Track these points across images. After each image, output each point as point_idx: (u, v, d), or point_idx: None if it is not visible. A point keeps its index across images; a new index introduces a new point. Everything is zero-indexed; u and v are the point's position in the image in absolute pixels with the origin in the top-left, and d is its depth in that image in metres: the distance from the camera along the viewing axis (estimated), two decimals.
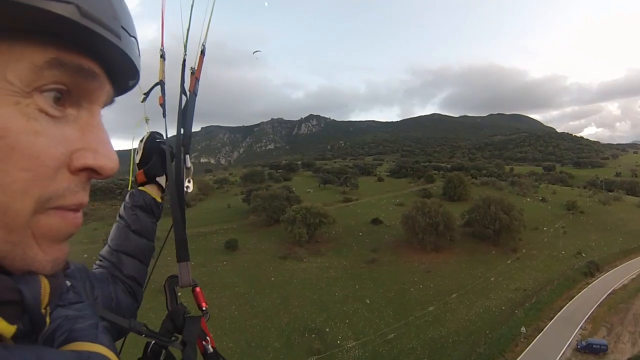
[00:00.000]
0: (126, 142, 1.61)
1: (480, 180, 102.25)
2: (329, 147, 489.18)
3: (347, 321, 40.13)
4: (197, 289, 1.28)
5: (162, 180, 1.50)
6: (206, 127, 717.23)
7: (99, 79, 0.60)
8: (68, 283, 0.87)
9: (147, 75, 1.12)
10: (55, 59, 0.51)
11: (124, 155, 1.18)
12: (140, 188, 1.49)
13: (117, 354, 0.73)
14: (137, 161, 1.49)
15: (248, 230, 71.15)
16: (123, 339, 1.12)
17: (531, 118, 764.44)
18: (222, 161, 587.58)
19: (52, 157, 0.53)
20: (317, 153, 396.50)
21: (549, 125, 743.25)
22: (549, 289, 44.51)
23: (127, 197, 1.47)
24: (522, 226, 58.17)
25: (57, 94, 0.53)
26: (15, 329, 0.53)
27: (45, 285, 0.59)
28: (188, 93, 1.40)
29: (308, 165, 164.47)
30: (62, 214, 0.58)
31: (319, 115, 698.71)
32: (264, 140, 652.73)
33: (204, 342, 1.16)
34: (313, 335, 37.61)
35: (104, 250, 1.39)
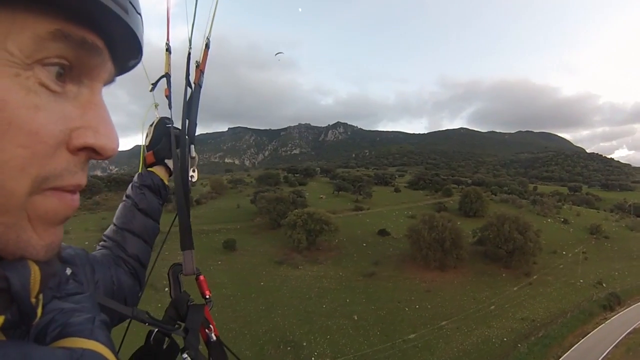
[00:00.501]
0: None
1: (500, 197, 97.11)
2: (353, 155, 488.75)
3: (329, 337, 36.93)
4: (201, 277, 1.31)
5: (170, 162, 1.52)
6: (233, 127, 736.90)
7: (102, 55, 0.57)
8: (68, 271, 0.85)
9: (155, 70, 1.44)
10: (59, 30, 0.49)
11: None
12: (149, 169, 1.53)
13: (114, 350, 0.70)
14: (146, 144, 1.54)
15: (251, 232, 68.76)
16: (126, 327, 1.14)
17: (560, 137, 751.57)
18: (247, 163, 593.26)
19: (52, 134, 0.50)
20: (342, 161, 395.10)
21: (578, 145, 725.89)
22: (561, 321, 39.76)
23: (135, 177, 1.50)
24: (538, 249, 53.32)
25: (59, 68, 0.51)
26: (2, 319, 0.51)
27: (35, 272, 0.56)
28: (193, 85, 1.47)
29: (327, 171, 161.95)
30: (60, 195, 0.55)
31: (346, 123, 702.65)
32: (290, 145, 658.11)
33: (207, 330, 1.19)
34: (288, 348, 34.83)
35: (109, 230, 1.40)
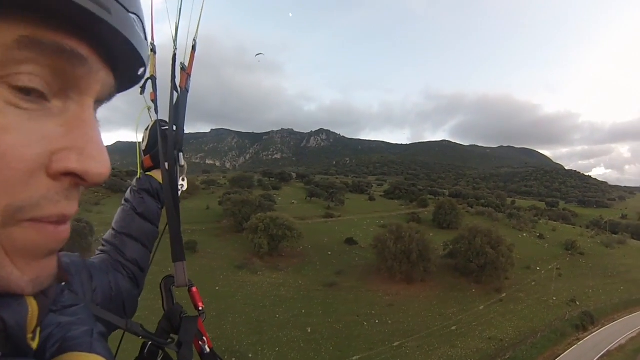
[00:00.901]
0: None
1: (476, 209, 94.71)
2: (334, 162, 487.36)
3: (278, 349, 34.07)
4: (194, 289, 1.33)
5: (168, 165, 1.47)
6: (216, 129, 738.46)
7: (87, 64, 0.49)
8: (63, 282, 0.81)
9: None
10: (27, 37, 0.42)
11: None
12: (147, 173, 1.51)
13: None
14: (143, 148, 1.52)
15: (215, 234, 65.64)
16: (121, 336, 1.09)
17: (540, 153, 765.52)
18: (228, 165, 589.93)
19: (23, 158, 0.44)
20: (322, 167, 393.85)
21: (557, 162, 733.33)
22: (531, 342, 37.17)
23: (134, 182, 1.48)
24: (510, 264, 50.56)
25: (33, 82, 0.44)
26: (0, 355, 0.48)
27: (33, 307, 0.53)
28: (179, 89, 1.44)
29: (302, 176, 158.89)
30: (39, 227, 0.49)
31: (329, 130, 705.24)
32: (272, 149, 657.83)
33: (200, 342, 1.19)
34: (233, 359, 31.91)
35: (108, 234, 1.38)
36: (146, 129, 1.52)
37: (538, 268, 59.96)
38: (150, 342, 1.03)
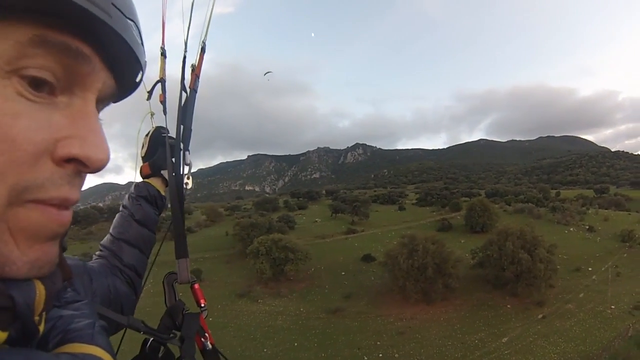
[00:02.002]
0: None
1: (514, 207, 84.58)
2: (372, 176, 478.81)
3: None
4: (196, 285, 1.36)
5: (166, 173, 1.53)
6: (253, 155, 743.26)
7: (91, 62, 0.55)
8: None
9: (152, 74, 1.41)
10: (38, 35, 0.47)
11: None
12: (145, 180, 1.55)
13: (114, 355, 0.70)
14: (142, 154, 1.56)
15: (226, 261, 61.33)
16: (122, 335, 1.10)
17: (583, 139, 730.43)
18: (267, 189, 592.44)
19: (31, 141, 0.48)
20: (361, 182, 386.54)
21: (602, 145, 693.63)
22: None
23: (132, 188, 1.52)
24: (552, 270, 41.29)
25: (39, 78, 0.49)
26: (6, 335, 0.50)
27: (40, 291, 0.55)
28: (188, 90, 1.48)
29: (331, 192, 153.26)
30: (43, 208, 0.52)
31: (365, 144, 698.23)
32: (310, 169, 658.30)
33: (202, 339, 1.21)
34: None
35: (105, 240, 1.43)
36: (146, 135, 1.54)
37: (590, 269, 50.26)
38: (151, 339, 1.04)
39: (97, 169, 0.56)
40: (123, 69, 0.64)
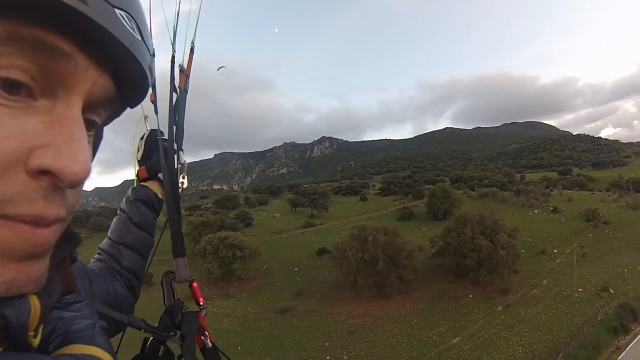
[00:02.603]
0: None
1: (478, 192, 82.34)
2: (339, 168, 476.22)
3: None
4: (195, 284, 1.34)
5: (161, 175, 1.52)
6: (219, 154, 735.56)
7: (72, 60, 0.48)
8: None
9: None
10: (7, 31, 0.42)
11: None
12: (142, 184, 1.54)
13: (114, 355, 0.69)
14: (139, 158, 1.55)
15: None
16: (121, 335, 1.12)
17: (546, 124, 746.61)
18: (236, 187, 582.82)
19: (0, 150, 0.43)
20: (328, 175, 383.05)
21: (565, 130, 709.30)
22: None
23: (129, 192, 1.51)
24: (515, 256, 38.18)
25: (11, 79, 0.43)
26: (2, 350, 0.48)
27: (35, 306, 0.52)
28: (179, 90, 1.46)
29: (294, 187, 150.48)
30: (13, 226, 0.46)
31: (331, 137, 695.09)
32: (277, 165, 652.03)
33: (202, 337, 1.20)
34: None
35: (104, 244, 1.41)
36: (141, 139, 1.54)
37: (556, 251, 47.96)
38: (151, 338, 1.04)
39: (71, 183, 0.48)
40: (121, 68, 0.57)
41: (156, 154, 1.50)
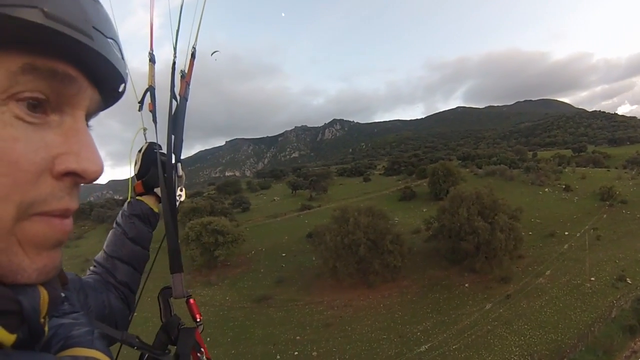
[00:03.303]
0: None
1: (485, 169, 77.17)
2: (350, 150, 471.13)
3: None
4: (191, 300, 1.34)
5: (159, 191, 1.52)
6: (230, 140, 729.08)
7: (77, 83, 0.58)
8: (62, 294, 0.85)
9: (143, 83, 1.42)
10: (28, 64, 0.50)
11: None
12: (138, 198, 1.55)
13: (113, 359, 0.73)
14: (135, 172, 1.55)
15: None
16: (118, 348, 1.10)
17: (560, 102, 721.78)
18: (247, 173, 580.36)
19: (32, 162, 0.52)
20: (339, 157, 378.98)
21: (579, 107, 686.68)
22: None
23: (125, 206, 1.52)
24: (517, 239, 33.63)
25: (33, 101, 0.52)
26: (15, 337, 0.53)
27: (44, 295, 0.59)
28: (178, 98, 1.44)
29: (298, 169, 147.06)
30: (48, 220, 0.56)
31: (342, 120, 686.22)
32: (288, 149, 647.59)
33: (198, 354, 1.18)
34: None
35: (99, 256, 1.43)
36: (139, 152, 1.52)
37: (566, 233, 42.96)
38: (147, 355, 1.05)
39: (93, 179, 0.59)
40: (107, 83, 0.66)
41: (152, 168, 1.47)
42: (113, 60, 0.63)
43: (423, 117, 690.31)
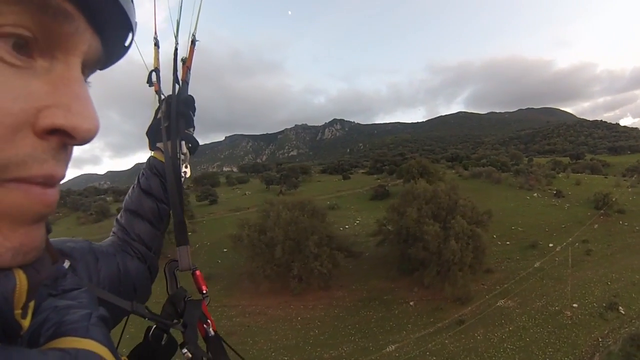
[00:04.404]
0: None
1: (471, 171, 69.87)
2: (348, 150, 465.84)
3: None
4: (197, 272, 1.31)
5: (161, 145, 1.46)
6: (230, 136, 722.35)
7: (74, 22, 0.48)
8: (66, 264, 0.82)
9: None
10: None
11: None
12: (152, 154, 1.50)
13: (112, 347, 0.63)
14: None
15: None
16: (124, 321, 1.10)
17: (563, 111, 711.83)
18: None
19: (8, 112, 0.41)
20: (337, 157, 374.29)
21: (582, 117, 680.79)
22: None
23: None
24: (478, 250, 26.31)
25: (16, 38, 0.42)
26: None
27: (21, 280, 0.49)
28: (180, 81, 1.49)
29: (280, 164, 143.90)
30: (26, 188, 0.45)
31: (343, 120, 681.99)
32: (287, 147, 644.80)
33: (205, 325, 1.19)
34: None
35: (119, 214, 1.40)
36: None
37: (551, 245, 35.74)
38: (154, 327, 1.03)
39: (85, 140, 0.49)
40: (112, 30, 0.56)
41: (154, 120, 1.43)
42: (121, 1, 0.53)
43: (424, 120, 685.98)
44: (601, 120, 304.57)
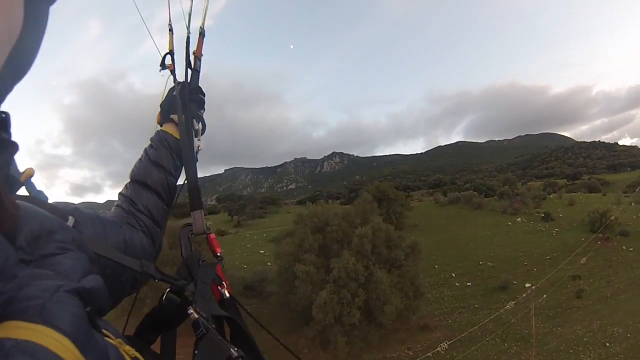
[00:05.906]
0: None
1: (449, 197, 60.49)
2: (345, 183, 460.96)
3: None
4: (211, 235, 1.32)
5: (175, 117, 1.50)
6: (229, 168, 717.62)
7: None
8: (71, 221, 0.77)
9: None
10: None
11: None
12: (161, 128, 1.52)
13: (80, 335, 0.47)
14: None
15: None
16: (132, 299, 1.12)
17: (561, 135, 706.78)
18: None
19: None
20: (334, 190, 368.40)
21: (580, 140, 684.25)
22: None
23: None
24: (377, 301, 16.95)
25: None
26: None
27: None
28: (191, 70, 1.58)
29: (240, 196, 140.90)
30: None
31: (342, 153, 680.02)
32: (286, 180, 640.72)
33: (219, 287, 1.18)
34: None
35: (124, 187, 1.37)
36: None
37: (527, 285, 26.10)
38: (168, 290, 1.00)
39: None
40: None
41: (168, 95, 1.48)
42: None
43: (423, 152, 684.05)
44: (599, 141, 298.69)
